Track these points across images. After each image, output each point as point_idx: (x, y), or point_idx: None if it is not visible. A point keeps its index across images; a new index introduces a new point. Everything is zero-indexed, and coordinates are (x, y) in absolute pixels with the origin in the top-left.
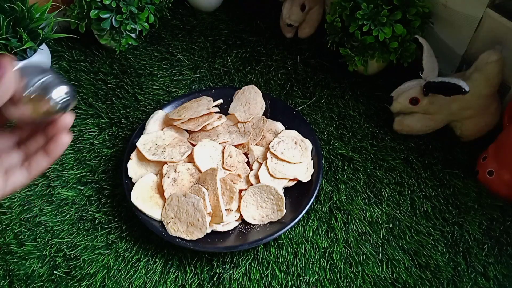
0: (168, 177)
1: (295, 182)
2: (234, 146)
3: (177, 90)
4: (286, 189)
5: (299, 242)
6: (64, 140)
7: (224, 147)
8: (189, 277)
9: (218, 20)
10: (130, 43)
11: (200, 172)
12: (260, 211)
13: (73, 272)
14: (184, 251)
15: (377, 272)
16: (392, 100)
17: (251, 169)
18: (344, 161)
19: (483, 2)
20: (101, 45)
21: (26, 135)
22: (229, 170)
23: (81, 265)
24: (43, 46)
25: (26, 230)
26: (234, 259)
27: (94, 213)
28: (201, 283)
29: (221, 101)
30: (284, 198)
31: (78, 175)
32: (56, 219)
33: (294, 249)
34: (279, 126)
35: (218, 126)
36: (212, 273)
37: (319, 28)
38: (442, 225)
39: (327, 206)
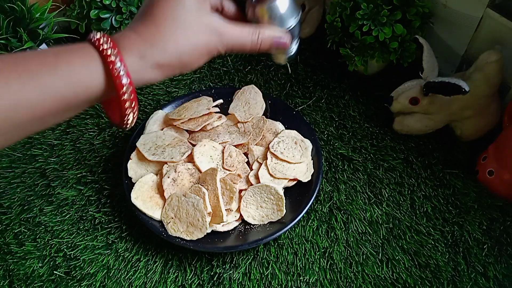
0: (168, 177)
1: (295, 182)
2: (234, 146)
3: (177, 90)
4: (286, 189)
5: (299, 242)
6: None
7: (224, 147)
8: (189, 277)
9: None
10: None
11: (200, 172)
12: (260, 211)
13: (73, 272)
14: (184, 251)
15: (377, 272)
16: (392, 100)
17: (251, 169)
18: (344, 161)
19: (483, 2)
20: None
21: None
22: (229, 170)
23: (81, 265)
24: (43, 46)
25: (26, 230)
26: (234, 259)
27: (94, 213)
28: (201, 283)
29: (221, 101)
30: (284, 198)
31: (78, 175)
32: (56, 219)
33: (294, 249)
34: (279, 126)
35: (218, 126)
36: (212, 273)
37: (319, 28)
38: (442, 225)
39: (327, 206)
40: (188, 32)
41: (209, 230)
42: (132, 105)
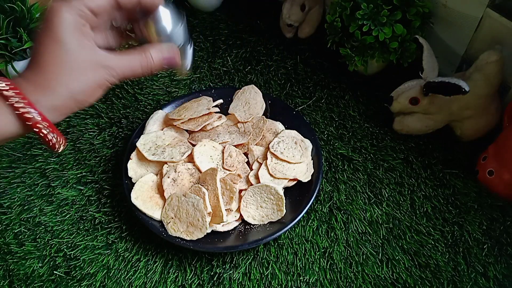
0: (168, 177)
1: (295, 182)
2: (234, 146)
3: (177, 90)
4: (286, 189)
5: (299, 242)
6: None
7: (224, 147)
8: (189, 277)
9: (218, 20)
10: (130, 43)
11: (200, 172)
12: (260, 211)
13: (73, 272)
14: (184, 251)
15: (377, 272)
16: (392, 100)
17: (251, 169)
18: (344, 161)
19: (483, 2)
20: None
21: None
22: (229, 170)
23: (81, 265)
24: None
25: (26, 230)
26: (234, 259)
27: (94, 213)
28: (201, 283)
29: (221, 101)
30: (284, 198)
31: (78, 175)
32: (56, 219)
33: (294, 249)
34: (279, 126)
35: (218, 126)
36: (212, 273)
37: (319, 28)
38: (442, 225)
39: (327, 206)
40: (75, 73)
41: (209, 230)
42: (55, 136)
